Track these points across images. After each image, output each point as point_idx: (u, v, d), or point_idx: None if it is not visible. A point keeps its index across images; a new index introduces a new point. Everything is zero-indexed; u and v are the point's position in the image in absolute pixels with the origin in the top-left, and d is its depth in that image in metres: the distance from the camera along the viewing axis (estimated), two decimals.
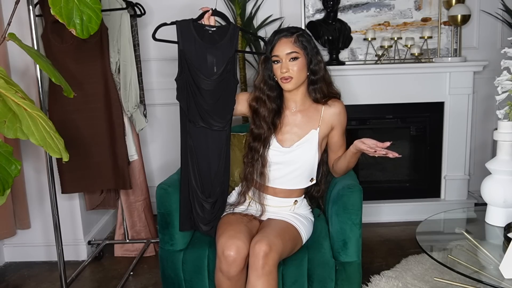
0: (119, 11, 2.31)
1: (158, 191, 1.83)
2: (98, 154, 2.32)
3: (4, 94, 0.92)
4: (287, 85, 1.74)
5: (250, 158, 1.81)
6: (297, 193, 1.86)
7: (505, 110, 1.72)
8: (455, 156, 3.08)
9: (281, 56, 1.73)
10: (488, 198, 1.76)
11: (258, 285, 1.54)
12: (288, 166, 1.80)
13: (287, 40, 1.73)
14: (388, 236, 2.84)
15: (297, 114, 1.82)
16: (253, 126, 1.82)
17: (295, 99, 1.82)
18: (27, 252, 2.66)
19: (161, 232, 1.83)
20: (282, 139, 1.81)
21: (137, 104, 2.42)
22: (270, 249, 1.56)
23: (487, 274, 1.45)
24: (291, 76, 1.72)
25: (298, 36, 1.74)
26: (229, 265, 1.58)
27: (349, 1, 3.13)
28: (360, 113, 3.05)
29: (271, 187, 1.83)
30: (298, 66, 1.72)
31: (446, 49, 3.16)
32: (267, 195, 1.83)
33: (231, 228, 1.67)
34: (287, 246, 1.67)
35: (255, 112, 1.82)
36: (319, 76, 1.78)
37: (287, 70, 1.71)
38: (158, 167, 3.29)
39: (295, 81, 1.73)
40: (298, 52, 1.72)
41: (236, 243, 1.59)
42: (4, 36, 1.00)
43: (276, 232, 1.66)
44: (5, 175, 0.93)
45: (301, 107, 1.82)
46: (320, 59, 1.78)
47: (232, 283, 1.61)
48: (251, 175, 1.81)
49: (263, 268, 1.54)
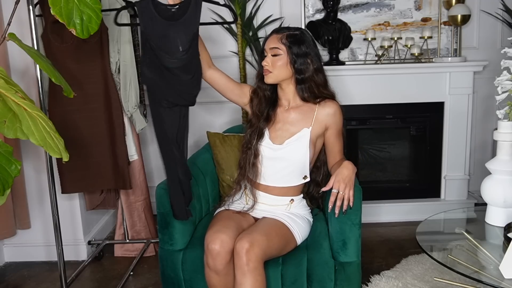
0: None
1: (158, 191, 1.83)
2: (98, 154, 2.32)
3: (4, 94, 0.92)
4: (266, 78, 1.80)
5: (245, 147, 1.88)
6: (292, 192, 1.87)
7: (505, 110, 1.72)
8: (455, 156, 3.08)
9: (266, 50, 1.80)
10: (488, 198, 1.76)
11: (245, 282, 1.56)
12: (279, 163, 1.82)
13: (275, 36, 1.78)
14: (388, 236, 2.84)
15: (290, 112, 1.85)
16: (252, 117, 1.90)
17: (286, 96, 1.86)
18: (27, 252, 2.66)
19: (161, 232, 1.83)
20: (274, 136, 1.84)
21: (137, 104, 2.42)
22: (250, 245, 1.57)
23: (487, 274, 1.45)
24: (269, 70, 1.78)
25: (287, 35, 1.77)
26: (213, 258, 1.61)
27: (349, 1, 3.13)
28: (360, 113, 3.05)
29: (263, 184, 1.85)
30: (279, 62, 1.77)
31: (446, 49, 3.16)
32: (259, 191, 1.86)
33: (219, 223, 1.73)
34: (274, 243, 1.67)
35: (252, 103, 1.90)
36: (305, 76, 1.79)
37: (267, 64, 1.78)
38: (158, 167, 3.28)
39: (274, 75, 1.79)
40: (280, 49, 1.76)
41: (221, 236, 1.62)
42: (4, 36, 1.00)
43: (263, 230, 1.68)
44: (5, 175, 0.93)
45: (293, 104, 1.86)
46: (309, 61, 1.78)
47: (221, 278, 1.64)
48: (244, 162, 1.87)
49: (247, 265, 1.56)
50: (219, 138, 2.16)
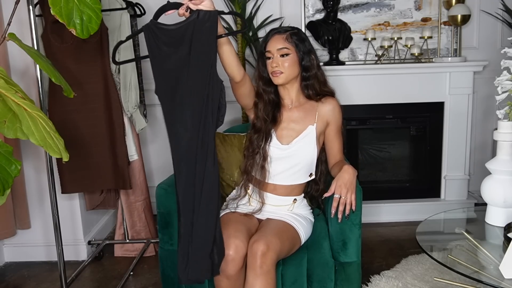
0: (119, 11, 2.32)
1: (158, 191, 1.83)
2: (98, 154, 2.32)
3: (4, 94, 0.92)
4: (277, 80, 1.78)
5: (251, 152, 1.84)
6: (296, 191, 1.87)
7: (505, 110, 1.72)
8: (455, 156, 3.08)
9: (272, 51, 1.77)
10: (488, 198, 1.76)
11: (256, 284, 1.55)
12: (288, 162, 1.82)
13: (280, 37, 1.77)
14: (388, 236, 2.84)
15: (293, 110, 1.85)
16: (256, 121, 1.86)
17: (290, 95, 1.85)
18: (27, 252, 2.66)
19: (161, 232, 1.83)
20: (281, 135, 1.83)
21: (137, 104, 2.42)
22: (267, 249, 1.56)
23: (487, 274, 1.45)
24: (281, 70, 1.75)
25: (291, 34, 1.77)
26: (227, 264, 1.59)
27: (349, 1, 3.13)
28: (360, 113, 3.05)
29: (271, 183, 1.83)
30: (289, 62, 1.76)
31: (446, 49, 3.16)
32: (267, 193, 1.84)
33: (231, 227, 1.68)
34: (285, 246, 1.67)
35: (256, 106, 1.86)
36: (311, 73, 1.81)
37: (277, 65, 1.75)
38: (158, 167, 3.29)
39: (285, 75, 1.77)
40: (289, 49, 1.76)
41: (235, 242, 1.60)
42: (4, 36, 1.00)
43: (274, 232, 1.66)
44: (5, 175, 0.93)
45: (297, 103, 1.86)
46: (313, 57, 1.82)
47: (231, 283, 1.61)
48: (251, 167, 1.83)
49: (261, 267, 1.55)
50: (219, 137, 2.16)
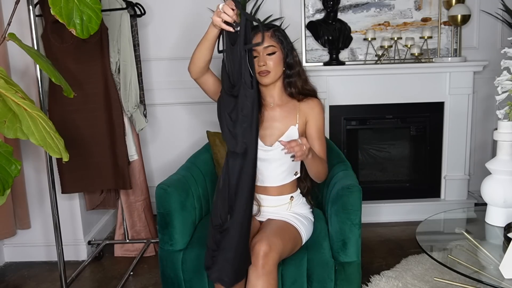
0: (119, 11, 2.31)
1: (158, 191, 1.83)
2: (98, 154, 2.32)
3: (4, 94, 0.92)
4: (265, 79, 1.75)
5: None
6: (289, 189, 1.86)
7: (505, 110, 1.72)
8: (455, 156, 3.08)
9: (258, 49, 1.73)
10: (488, 198, 1.76)
11: (258, 284, 1.55)
12: (272, 163, 1.81)
13: (264, 35, 1.72)
14: (388, 236, 2.84)
15: (276, 109, 1.83)
16: None
17: (272, 94, 1.83)
18: (27, 252, 2.66)
19: (160, 232, 1.83)
20: (264, 135, 1.80)
21: (137, 104, 2.42)
22: (270, 249, 1.56)
23: (487, 274, 1.45)
24: (268, 70, 1.73)
25: (275, 31, 1.76)
26: None
27: (349, 1, 3.13)
28: (360, 113, 3.05)
29: (262, 186, 1.83)
30: (275, 60, 1.74)
31: (446, 49, 3.16)
32: (260, 195, 1.84)
33: None
34: (287, 246, 1.67)
35: None
36: (294, 70, 1.80)
37: (265, 64, 1.73)
38: (158, 167, 3.29)
39: (272, 75, 1.75)
40: (275, 46, 1.74)
41: None
42: (4, 36, 1.00)
43: (276, 232, 1.66)
44: (5, 175, 0.93)
45: (279, 101, 1.83)
46: (295, 54, 1.81)
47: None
48: None
49: (263, 267, 1.55)
50: (219, 137, 2.16)
